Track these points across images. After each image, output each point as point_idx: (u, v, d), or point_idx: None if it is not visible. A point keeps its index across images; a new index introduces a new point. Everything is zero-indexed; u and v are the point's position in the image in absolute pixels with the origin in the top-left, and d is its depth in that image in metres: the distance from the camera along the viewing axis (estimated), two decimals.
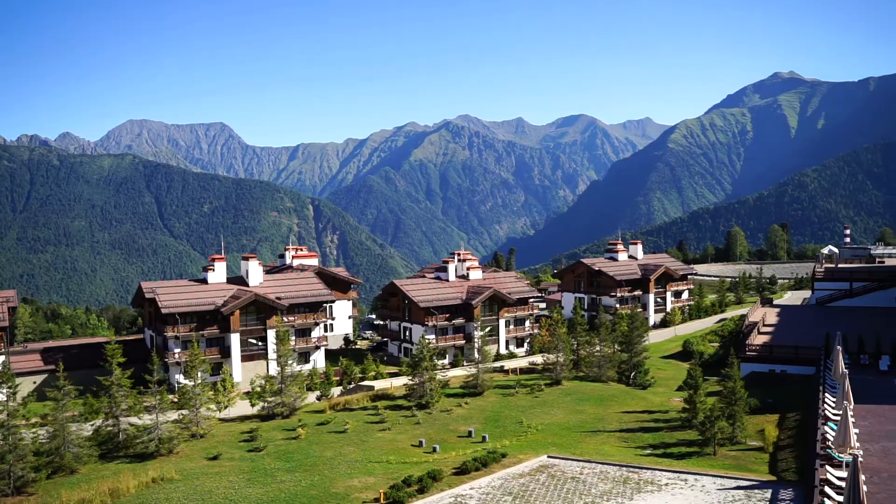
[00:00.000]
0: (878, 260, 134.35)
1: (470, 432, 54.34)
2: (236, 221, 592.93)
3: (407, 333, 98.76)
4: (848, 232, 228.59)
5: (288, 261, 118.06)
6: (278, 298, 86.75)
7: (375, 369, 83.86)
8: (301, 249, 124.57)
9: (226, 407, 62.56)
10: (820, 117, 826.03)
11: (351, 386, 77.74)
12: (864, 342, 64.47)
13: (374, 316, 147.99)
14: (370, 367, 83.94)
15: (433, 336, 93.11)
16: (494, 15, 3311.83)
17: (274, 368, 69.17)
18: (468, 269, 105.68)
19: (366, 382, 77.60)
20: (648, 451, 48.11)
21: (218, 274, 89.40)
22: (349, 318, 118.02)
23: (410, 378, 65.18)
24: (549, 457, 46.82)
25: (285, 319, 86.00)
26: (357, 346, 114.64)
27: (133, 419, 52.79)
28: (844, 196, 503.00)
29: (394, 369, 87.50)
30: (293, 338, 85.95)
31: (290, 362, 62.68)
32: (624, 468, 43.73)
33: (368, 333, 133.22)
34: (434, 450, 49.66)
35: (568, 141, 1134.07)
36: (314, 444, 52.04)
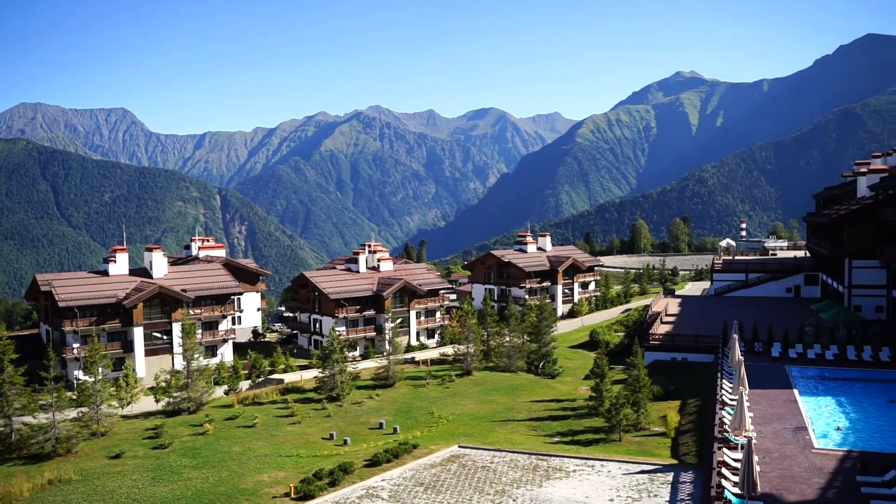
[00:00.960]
0: (770, 252, 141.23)
1: (381, 424, 54.35)
2: (139, 211, 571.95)
3: (317, 325, 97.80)
4: (744, 226, 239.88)
5: (194, 252, 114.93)
6: (184, 291, 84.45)
7: (285, 362, 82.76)
8: (208, 240, 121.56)
9: (128, 403, 60.59)
10: (719, 115, 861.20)
11: (260, 379, 76.45)
12: (759, 330, 67.79)
13: (283, 308, 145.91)
14: (280, 359, 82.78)
15: (344, 328, 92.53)
16: (405, 6, 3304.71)
17: (180, 363, 67.37)
18: (379, 260, 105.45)
19: (275, 376, 76.47)
20: (557, 439, 49.20)
21: (120, 266, 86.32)
22: (258, 310, 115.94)
23: (321, 370, 64.65)
24: (460, 447, 47.30)
25: (191, 312, 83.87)
26: (266, 339, 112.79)
27: (27, 418, 50.46)
28: (741, 191, 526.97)
29: (304, 362, 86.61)
30: (199, 331, 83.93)
31: (196, 356, 61.24)
32: (533, 456, 44.61)
33: (278, 326, 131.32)
34: (345, 442, 49.46)
35: (479, 134, 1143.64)
36: (222, 439, 51.01)
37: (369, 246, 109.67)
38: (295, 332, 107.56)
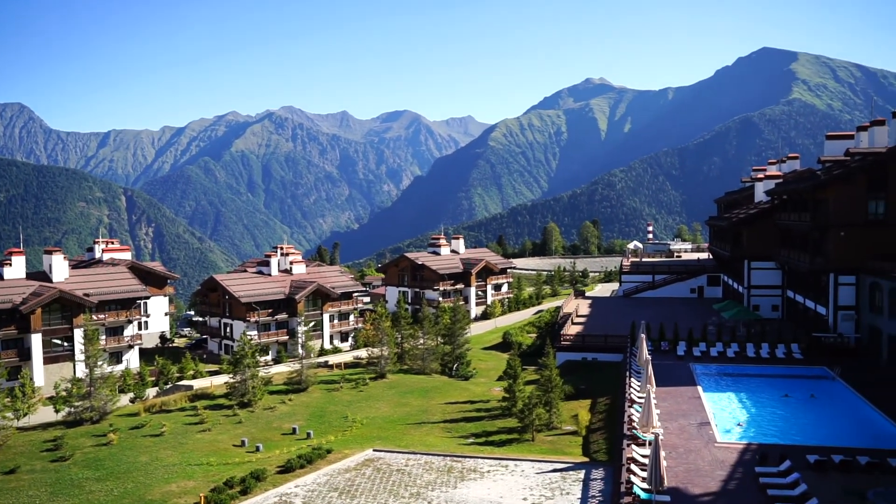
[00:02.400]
0: (675, 255, 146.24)
1: (294, 429, 53.59)
2: (38, 212, 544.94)
3: (228, 330, 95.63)
4: (651, 229, 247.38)
5: (97, 255, 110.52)
6: (86, 295, 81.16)
7: (194, 368, 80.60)
8: (112, 242, 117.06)
9: (25, 414, 57.84)
10: (627, 121, 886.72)
11: (168, 386, 74.18)
12: (665, 330, 70.10)
13: (192, 312, 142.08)
14: (189, 365, 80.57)
15: (255, 332, 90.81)
16: (318, 6, 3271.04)
17: (82, 370, 64.58)
18: (291, 263, 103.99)
19: (184, 382, 74.35)
20: (471, 440, 49.58)
21: (16, 269, 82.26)
22: (166, 314, 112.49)
23: (232, 376, 63.24)
24: (374, 450, 47.10)
25: (94, 317, 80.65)
26: (175, 345, 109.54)
27: None
28: (648, 195, 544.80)
29: (214, 367, 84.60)
30: (103, 337, 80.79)
31: (99, 363, 58.97)
32: (448, 458, 44.83)
33: (187, 331, 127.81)
34: (257, 449, 48.54)
35: (392, 136, 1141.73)
36: (127, 449, 49.24)
37: (281, 248, 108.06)
38: (205, 336, 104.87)
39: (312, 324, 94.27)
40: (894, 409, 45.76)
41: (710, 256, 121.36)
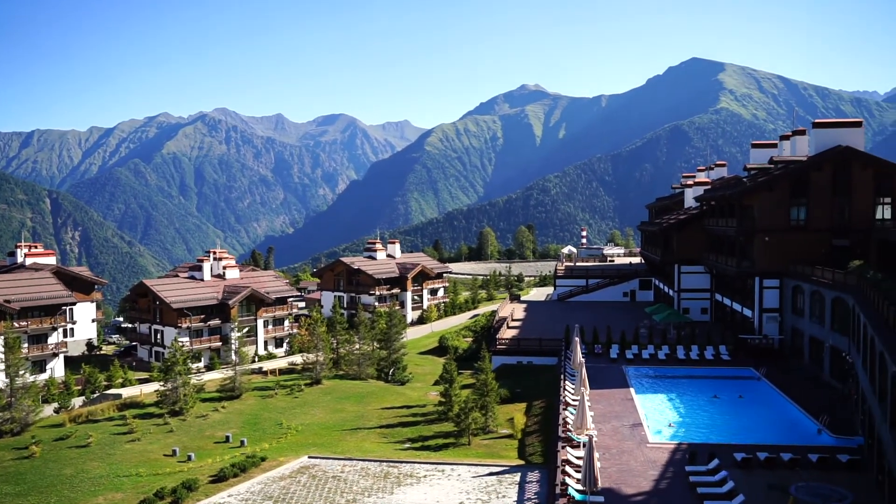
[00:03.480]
0: (609, 259, 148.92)
1: (227, 437, 52.60)
2: None
3: (158, 336, 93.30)
4: (584, 234, 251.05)
5: (20, 259, 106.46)
6: (7, 301, 78.15)
7: (123, 376, 78.31)
8: (36, 247, 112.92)
9: None
10: (561, 128, 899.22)
11: (95, 395, 71.87)
12: (598, 333, 71.33)
13: (121, 319, 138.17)
14: (117, 373, 78.24)
15: (187, 338, 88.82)
16: (252, 7, 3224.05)
17: (2, 380, 62.13)
18: (224, 267, 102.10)
19: (112, 391, 72.15)
20: (408, 446, 49.48)
21: None
22: (93, 321, 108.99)
23: (162, 383, 61.65)
24: (309, 457, 46.59)
25: (16, 325, 77.71)
26: (102, 352, 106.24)
27: None
28: (582, 201, 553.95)
29: (144, 375, 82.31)
30: (26, 345, 77.88)
31: (21, 372, 56.86)
32: (384, 463, 44.64)
33: (115, 337, 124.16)
34: (189, 458, 47.47)
35: (328, 140, 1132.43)
36: (51, 461, 47.52)
37: (214, 253, 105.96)
38: (134, 343, 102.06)
39: (246, 329, 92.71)
40: (814, 406, 47.54)
41: (642, 261, 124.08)
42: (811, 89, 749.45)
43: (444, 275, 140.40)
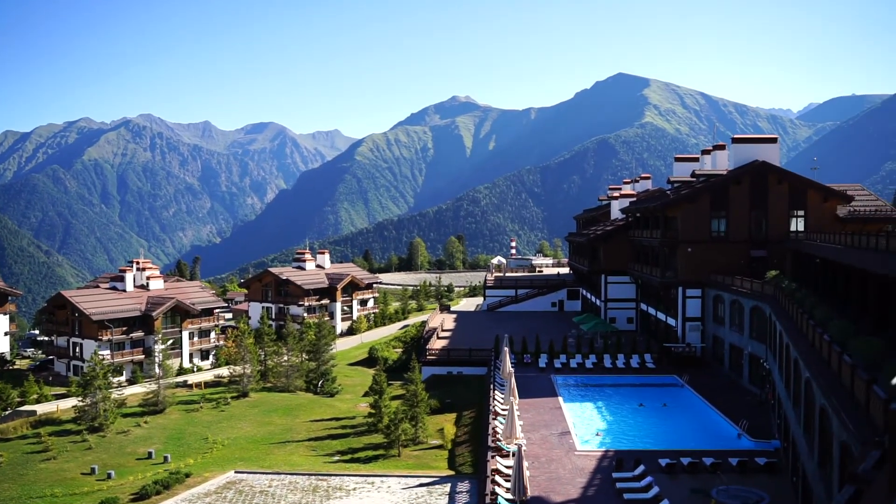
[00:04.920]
0: (538, 269, 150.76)
1: (150, 453, 51.05)
2: None
3: (77, 350, 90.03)
4: (514, 244, 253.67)
5: None
6: None
7: (38, 391, 75.24)
8: None
9: None
10: (491, 139, 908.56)
11: (7, 412, 68.74)
12: (527, 343, 72.04)
13: (37, 331, 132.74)
14: (32, 388, 75.13)
15: (108, 351, 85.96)
16: (177, 9, 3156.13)
17: None
18: (148, 278, 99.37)
19: (26, 407, 69.20)
20: (337, 458, 48.96)
21: None
22: (6, 334, 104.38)
23: (81, 399, 59.47)
24: (236, 472, 45.62)
25: None
26: (16, 367, 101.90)
27: None
28: (511, 212, 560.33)
29: (62, 390, 79.33)
30: None
31: None
32: (313, 477, 44.05)
33: (30, 351, 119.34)
34: (109, 476, 45.87)
35: (257, 148, 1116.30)
36: None
37: (138, 263, 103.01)
38: (51, 357, 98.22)
39: (171, 342, 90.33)
40: (734, 412, 49.02)
41: (570, 271, 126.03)
42: (731, 106, 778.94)
43: (375, 285, 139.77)
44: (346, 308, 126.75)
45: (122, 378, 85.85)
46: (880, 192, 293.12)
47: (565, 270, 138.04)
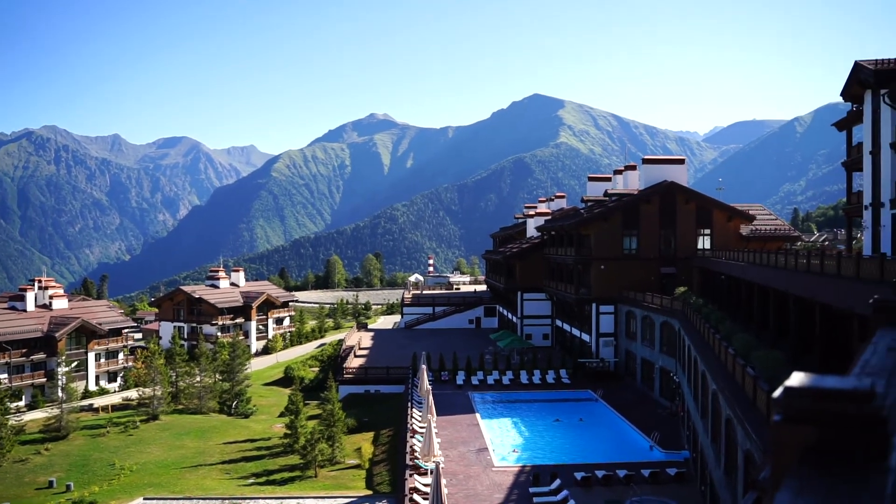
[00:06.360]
0: (455, 287, 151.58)
1: (51, 482, 48.69)
2: None
3: None
4: (431, 262, 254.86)
5: None
6: None
7: None
8: None
9: None
10: (409, 157, 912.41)
11: None
12: (444, 360, 72.21)
13: None
14: None
15: (6, 375, 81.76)
16: (84, 16, 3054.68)
17: None
18: (51, 297, 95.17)
19: None
20: (252, 481, 47.83)
21: None
22: None
23: None
24: (145, 499, 44.03)
25: None
26: None
27: None
28: (429, 229, 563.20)
29: None
30: None
31: None
32: (226, 501, 42.93)
33: None
34: None
35: (169, 163, 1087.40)
36: None
37: (39, 281, 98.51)
38: None
39: (75, 364, 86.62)
40: (646, 424, 50.32)
41: (487, 288, 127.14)
42: (641, 127, 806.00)
43: (291, 303, 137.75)
44: (261, 327, 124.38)
45: (21, 403, 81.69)
46: (779, 212, 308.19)
47: (482, 288, 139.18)
